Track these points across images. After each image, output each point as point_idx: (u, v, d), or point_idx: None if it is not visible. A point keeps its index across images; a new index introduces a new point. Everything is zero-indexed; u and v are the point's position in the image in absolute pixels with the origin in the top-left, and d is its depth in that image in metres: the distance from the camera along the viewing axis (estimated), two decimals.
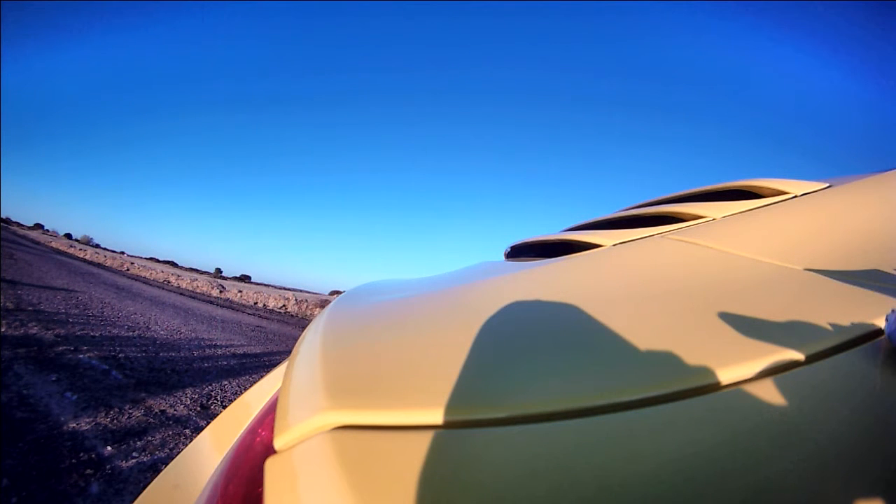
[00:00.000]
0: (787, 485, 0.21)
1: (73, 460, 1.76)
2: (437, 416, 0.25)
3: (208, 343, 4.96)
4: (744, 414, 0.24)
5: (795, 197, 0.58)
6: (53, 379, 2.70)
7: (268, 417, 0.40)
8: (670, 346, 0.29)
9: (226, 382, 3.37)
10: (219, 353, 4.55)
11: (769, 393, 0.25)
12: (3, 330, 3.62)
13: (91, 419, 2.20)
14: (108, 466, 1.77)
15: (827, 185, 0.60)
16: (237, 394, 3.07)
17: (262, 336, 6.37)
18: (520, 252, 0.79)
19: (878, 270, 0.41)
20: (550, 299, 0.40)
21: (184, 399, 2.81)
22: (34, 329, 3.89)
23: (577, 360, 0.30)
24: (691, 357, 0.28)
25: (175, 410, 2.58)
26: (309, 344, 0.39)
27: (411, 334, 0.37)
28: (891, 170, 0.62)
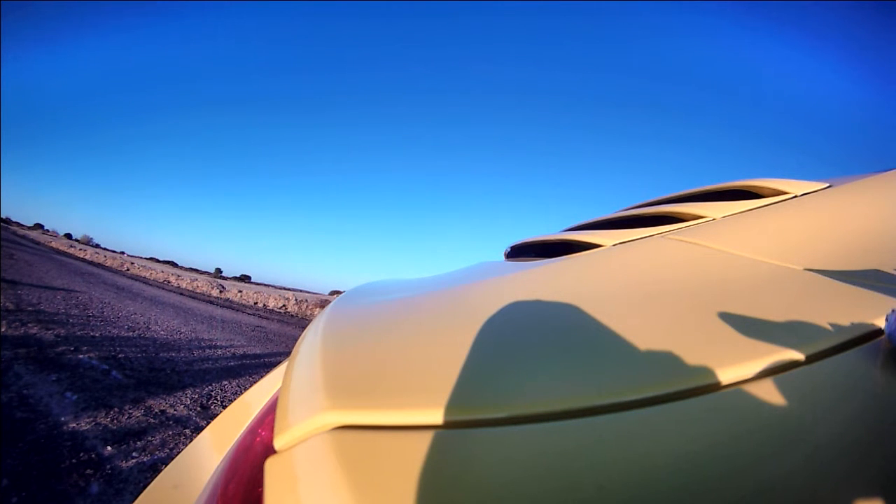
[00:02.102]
0: (788, 485, 0.21)
1: (74, 460, 1.77)
2: (437, 417, 0.25)
3: (208, 343, 4.96)
4: (744, 414, 0.24)
5: (795, 197, 0.58)
6: (53, 379, 2.70)
7: (268, 417, 0.40)
8: (670, 346, 0.29)
9: (226, 382, 3.37)
10: (219, 353, 4.55)
11: (769, 393, 0.25)
12: (3, 330, 3.62)
13: (91, 419, 2.21)
14: (108, 466, 1.78)
15: (827, 185, 0.59)
16: (237, 394, 3.07)
17: (262, 336, 6.37)
18: (520, 252, 0.79)
19: (878, 270, 0.41)
20: (550, 299, 0.40)
21: (184, 399, 2.80)
22: (34, 329, 3.89)
23: (577, 361, 0.30)
24: (691, 357, 0.28)
25: (175, 410, 2.57)
26: (309, 344, 0.39)
27: (411, 334, 0.37)
28: (891, 170, 0.62)
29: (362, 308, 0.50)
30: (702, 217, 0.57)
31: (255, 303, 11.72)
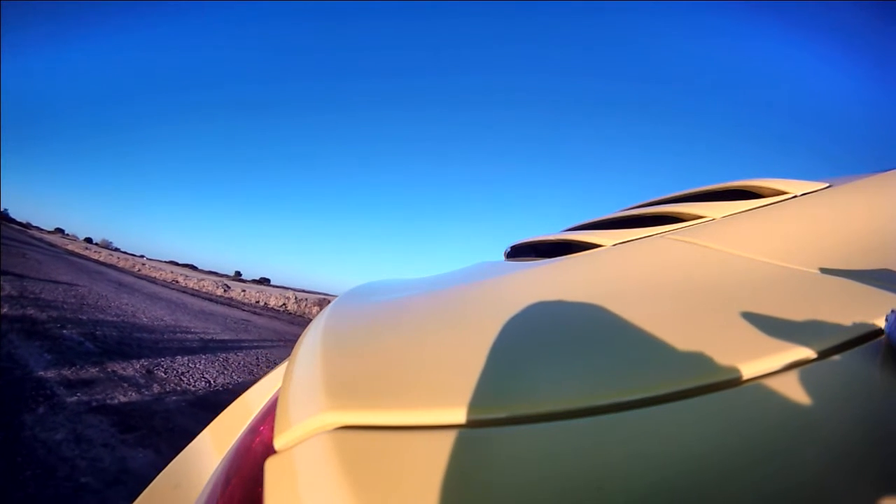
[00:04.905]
0: (788, 484, 0.21)
1: (33, 393, 2.49)
2: (438, 417, 0.25)
3: (183, 329, 5.24)
4: (743, 414, 0.24)
5: (795, 197, 0.58)
6: (37, 345, 3.39)
7: (268, 417, 0.40)
8: (670, 347, 0.29)
9: (178, 357, 3.84)
10: (188, 337, 4.87)
11: (768, 393, 0.25)
12: (5, 311, 4.22)
13: (56, 371, 2.91)
14: (55, 399, 2.47)
15: (827, 185, 0.59)
16: (184, 366, 3.57)
17: (241, 328, 6.45)
18: (520, 252, 0.79)
19: (879, 270, 0.40)
20: (551, 299, 0.40)
21: (135, 365, 3.39)
22: (31, 311, 4.44)
23: (577, 361, 0.30)
24: (692, 357, 0.28)
25: (124, 371, 3.19)
26: (309, 343, 0.39)
27: (412, 334, 0.37)
28: (891, 170, 0.62)
29: (362, 308, 0.50)
30: (702, 217, 0.57)
31: (256, 301, 11.71)
